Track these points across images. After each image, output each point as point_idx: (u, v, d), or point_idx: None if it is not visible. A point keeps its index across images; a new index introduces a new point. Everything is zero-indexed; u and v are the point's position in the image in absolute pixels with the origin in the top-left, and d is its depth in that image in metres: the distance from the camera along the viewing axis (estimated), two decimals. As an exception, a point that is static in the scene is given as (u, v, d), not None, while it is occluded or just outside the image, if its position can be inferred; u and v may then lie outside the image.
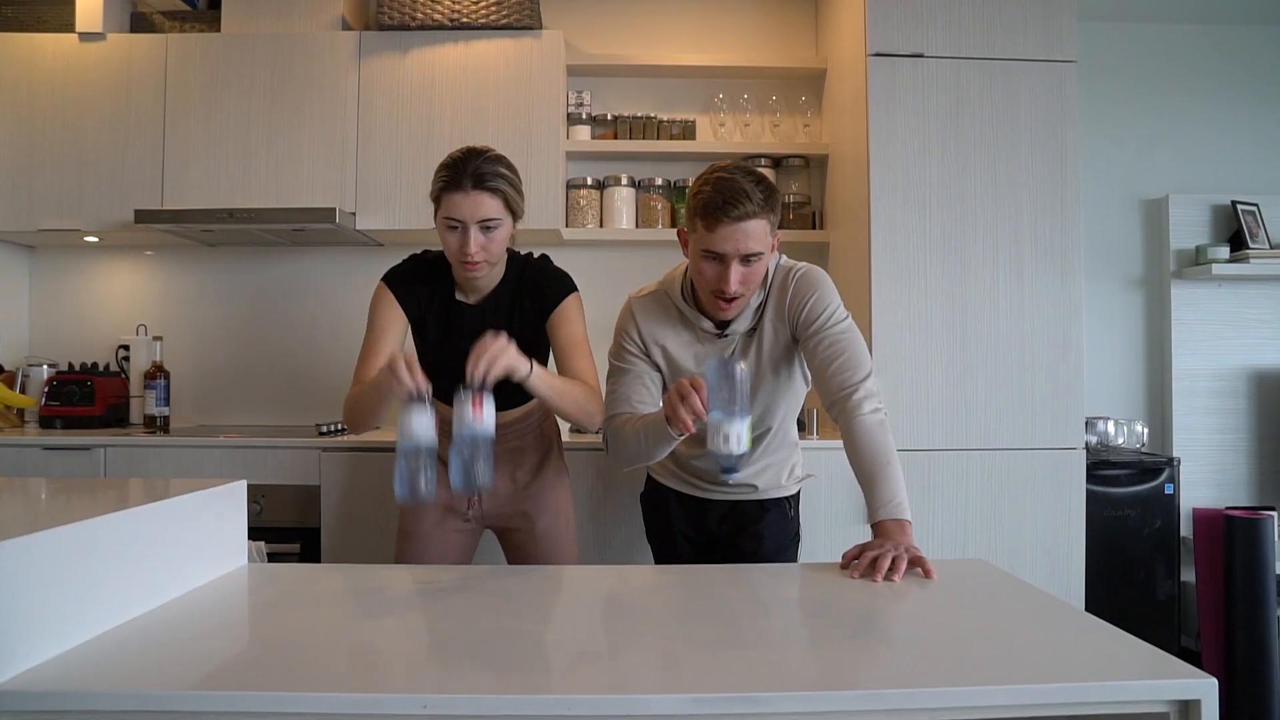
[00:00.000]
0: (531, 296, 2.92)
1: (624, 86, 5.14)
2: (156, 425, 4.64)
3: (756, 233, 2.55)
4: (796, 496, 3.17)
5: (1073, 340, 4.25)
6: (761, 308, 2.80)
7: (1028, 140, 4.26)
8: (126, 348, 4.95)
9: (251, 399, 5.12)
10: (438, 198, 2.73)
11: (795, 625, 1.81)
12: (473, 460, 2.06)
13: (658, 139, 4.91)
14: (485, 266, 2.76)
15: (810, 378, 2.91)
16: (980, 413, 4.22)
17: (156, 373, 4.68)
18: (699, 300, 2.77)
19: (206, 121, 4.61)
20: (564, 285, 2.95)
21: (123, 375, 4.93)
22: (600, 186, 4.91)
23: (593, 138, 4.95)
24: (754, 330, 2.81)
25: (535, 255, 3.01)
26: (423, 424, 2.08)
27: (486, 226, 2.70)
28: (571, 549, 3.15)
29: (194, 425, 4.97)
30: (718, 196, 2.53)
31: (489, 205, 2.69)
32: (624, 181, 4.85)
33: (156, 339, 4.88)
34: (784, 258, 2.87)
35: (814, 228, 4.96)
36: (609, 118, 4.99)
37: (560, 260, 3.01)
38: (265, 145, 4.60)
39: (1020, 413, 4.23)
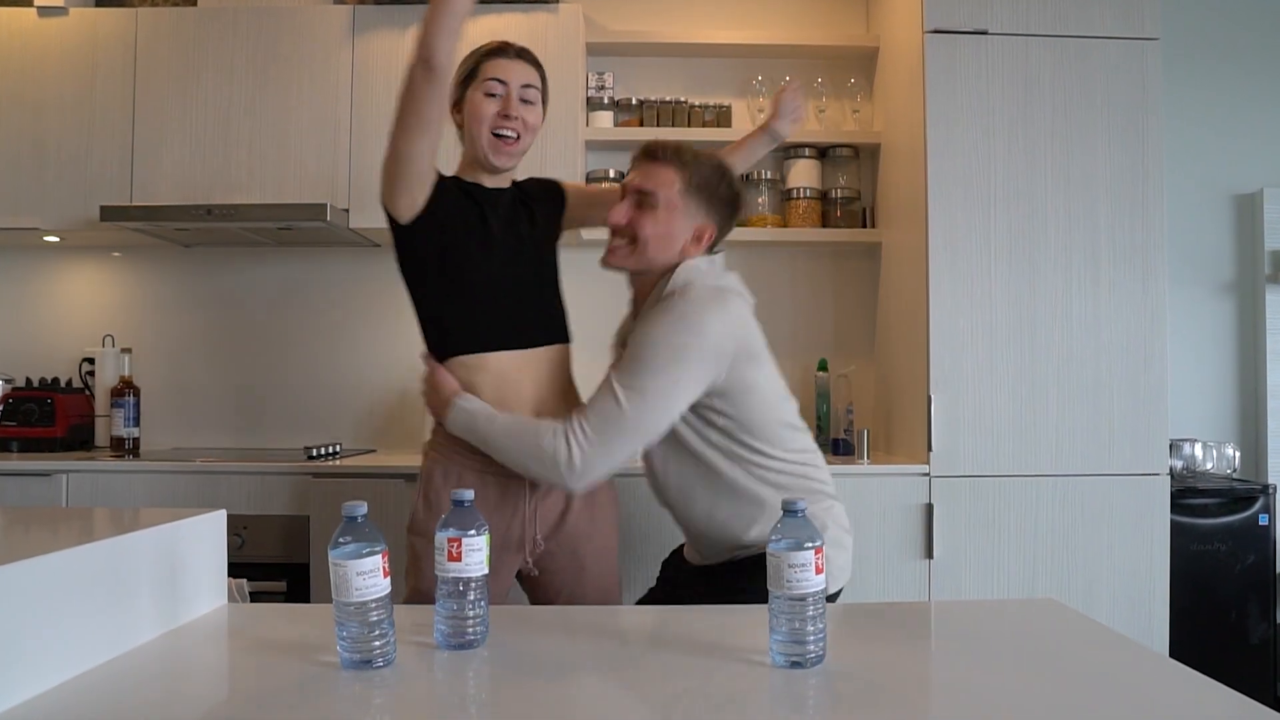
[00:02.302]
0: (539, 190, 3.14)
1: (651, 67, 5.12)
2: (125, 448, 4.63)
3: (655, 176, 2.84)
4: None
5: (1155, 353, 4.22)
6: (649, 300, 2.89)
7: (1105, 127, 4.23)
8: (91, 361, 4.95)
9: (232, 419, 5.11)
10: (473, 70, 2.90)
11: (841, 675, 1.78)
12: (462, 612, 1.95)
13: (689, 126, 4.88)
14: (519, 147, 2.93)
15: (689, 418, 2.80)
16: (1051, 434, 4.19)
17: (125, 389, 4.68)
18: None
19: (181, 107, 4.61)
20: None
21: (87, 392, 4.93)
22: (624, 179, 4.86)
23: (616, 125, 4.93)
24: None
25: None
26: (376, 578, 1.89)
27: (526, 99, 2.92)
28: (618, 588, 3.11)
29: (167, 448, 4.97)
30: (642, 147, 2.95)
31: (533, 74, 2.94)
32: (650, 174, 4.80)
33: (125, 351, 4.87)
34: (700, 283, 2.82)
35: (863, 226, 4.95)
36: (634, 102, 4.96)
37: (579, 263, 3.02)
38: (247, 134, 4.60)
39: (1096, 434, 4.20)
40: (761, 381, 2.76)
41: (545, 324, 2.97)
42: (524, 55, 2.93)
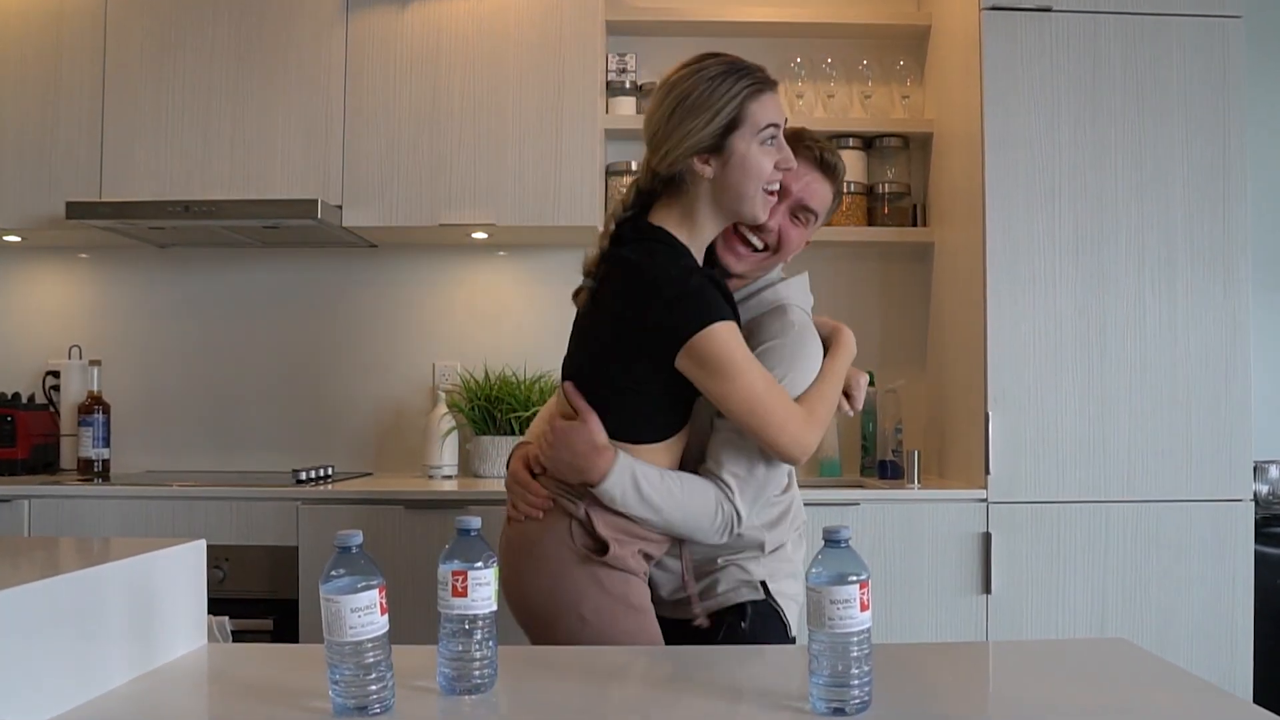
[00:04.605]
0: None
1: (677, 48, 5.01)
2: (93, 471, 4.64)
3: (823, 195, 2.86)
4: (762, 609, 2.90)
5: (1238, 365, 4.21)
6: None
7: (1182, 115, 4.22)
8: (56, 374, 4.96)
9: (212, 439, 5.10)
10: (740, 111, 2.65)
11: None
12: (467, 653, 1.93)
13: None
14: None
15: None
16: (1122, 455, 4.17)
17: (93, 405, 4.68)
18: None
19: (156, 93, 4.62)
20: None
21: (51, 409, 4.94)
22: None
23: (638, 112, 4.91)
24: None
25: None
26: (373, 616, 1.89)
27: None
28: None
29: (140, 471, 4.97)
30: (808, 133, 2.88)
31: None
32: (675, 166, 4.78)
33: (93, 364, 4.85)
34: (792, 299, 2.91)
35: (914, 224, 4.94)
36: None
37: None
38: (230, 122, 4.60)
39: (1172, 456, 4.18)
40: None
41: None
42: (773, 80, 2.74)
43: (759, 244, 2.81)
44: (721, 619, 2.84)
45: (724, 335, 2.55)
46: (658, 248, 2.67)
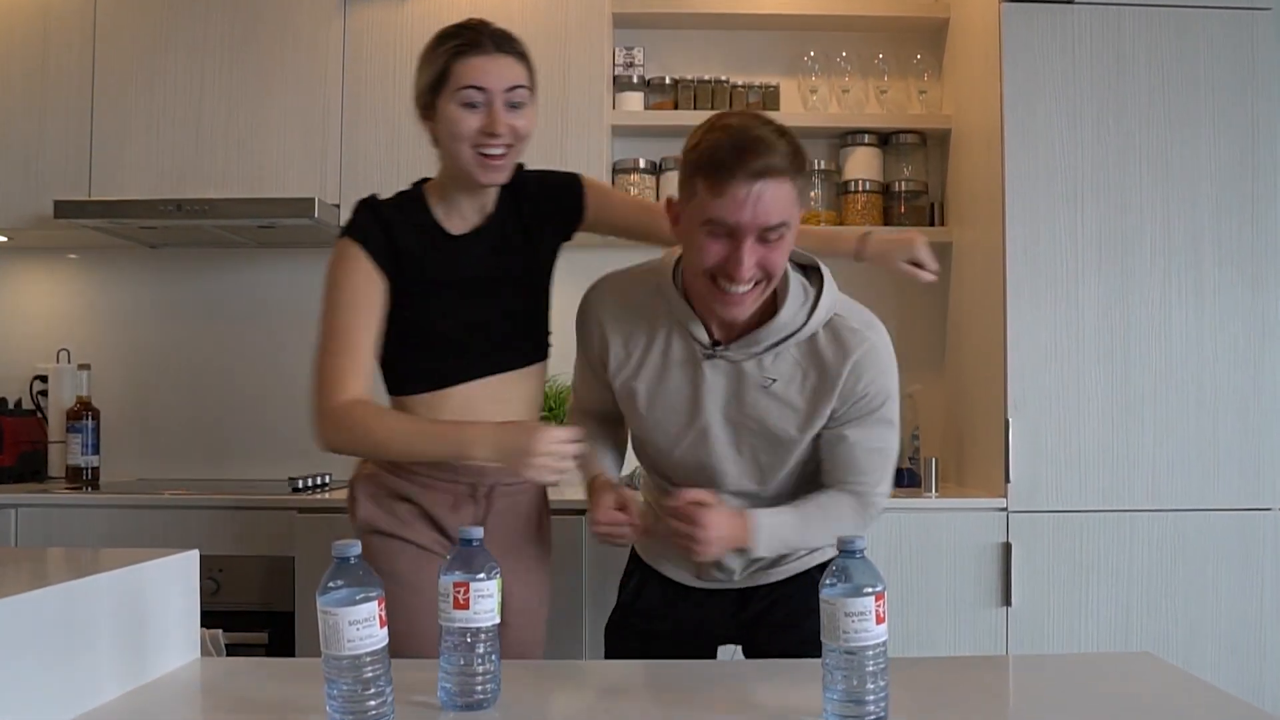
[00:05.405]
0: (542, 200, 2.94)
1: (687, 41, 5.10)
2: (82, 479, 4.64)
3: (780, 199, 2.41)
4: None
5: (1267, 369, 4.20)
6: (788, 339, 2.73)
7: (1209, 111, 4.21)
8: (44, 379, 4.95)
9: (206, 445, 5.11)
10: (443, 72, 2.69)
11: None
12: (470, 668, 1.92)
13: (730, 109, 4.84)
14: (510, 160, 2.74)
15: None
16: (1147, 463, 4.16)
17: (82, 411, 4.69)
18: (693, 295, 2.67)
19: (147, 88, 4.62)
20: (571, 174, 3.04)
21: (39, 415, 4.94)
22: (656, 170, 4.87)
23: (647, 108, 4.91)
24: (761, 357, 2.72)
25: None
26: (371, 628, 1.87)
27: (514, 103, 2.69)
28: (541, 643, 3.07)
29: (131, 479, 4.98)
30: (728, 143, 2.39)
31: (518, 71, 2.72)
32: (685, 164, 4.78)
33: (83, 368, 4.87)
34: (837, 305, 2.93)
35: (932, 224, 4.93)
36: (667, 82, 4.94)
37: (604, 265, 2.92)
38: (224, 119, 4.60)
39: (1199, 463, 4.17)
40: None
41: (521, 349, 2.92)
42: (504, 46, 2.71)
43: (742, 287, 2.47)
44: (810, 576, 2.92)
45: (336, 255, 2.88)
46: (405, 192, 2.94)
